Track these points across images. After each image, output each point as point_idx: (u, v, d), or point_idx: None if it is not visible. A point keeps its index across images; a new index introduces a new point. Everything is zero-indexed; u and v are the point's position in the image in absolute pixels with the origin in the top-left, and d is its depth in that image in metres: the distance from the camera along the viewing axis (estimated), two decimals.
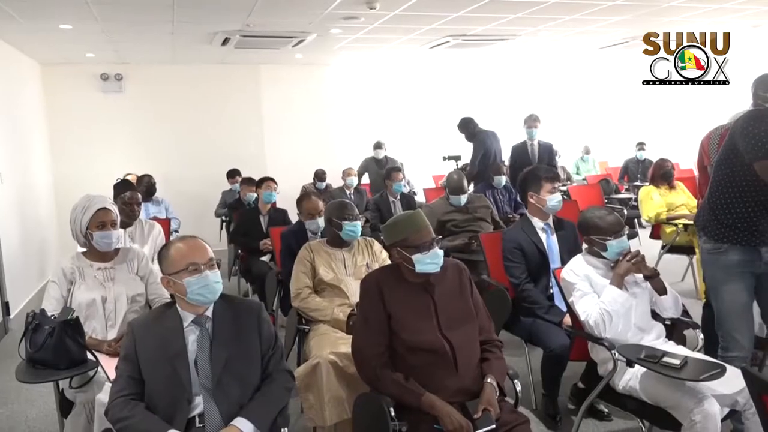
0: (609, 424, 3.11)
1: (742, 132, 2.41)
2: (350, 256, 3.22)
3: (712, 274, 2.67)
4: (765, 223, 2.50)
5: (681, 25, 7.38)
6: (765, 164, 2.35)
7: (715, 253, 2.61)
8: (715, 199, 2.60)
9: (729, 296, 2.58)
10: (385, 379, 2.14)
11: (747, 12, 6.76)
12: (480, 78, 10.53)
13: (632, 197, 7.91)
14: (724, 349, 2.61)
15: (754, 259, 2.54)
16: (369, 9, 5.62)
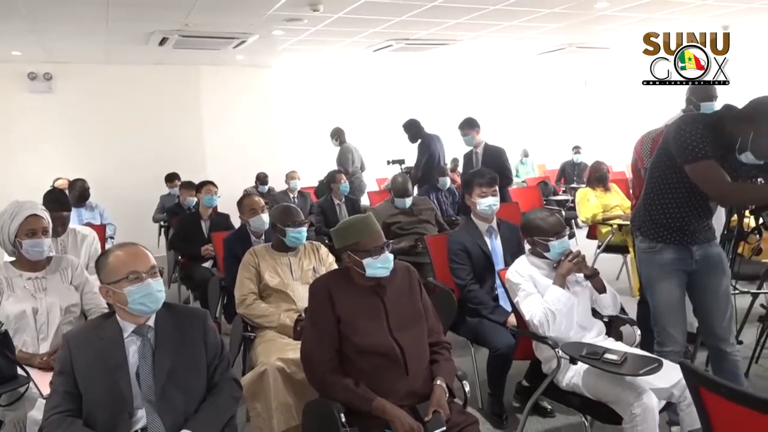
0: (553, 420, 3.18)
1: (675, 136, 2.52)
2: (296, 260, 3.17)
3: (647, 273, 2.77)
4: (696, 224, 2.63)
5: (615, 32, 7.70)
6: (695, 167, 2.46)
7: (650, 252, 2.71)
8: (650, 201, 2.70)
9: (663, 293, 2.69)
10: (335, 385, 2.12)
11: (676, 21, 7.11)
12: (423, 82, 10.65)
13: (569, 199, 8.18)
14: (660, 344, 2.71)
15: (686, 257, 2.66)
16: (312, 11, 5.59)
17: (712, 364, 2.81)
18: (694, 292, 2.74)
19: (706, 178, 2.44)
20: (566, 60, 10.11)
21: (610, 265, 5.77)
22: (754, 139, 2.35)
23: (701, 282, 2.69)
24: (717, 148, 2.42)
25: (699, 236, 2.65)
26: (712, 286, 2.68)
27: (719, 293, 2.69)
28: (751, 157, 2.40)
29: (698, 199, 2.56)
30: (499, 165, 5.37)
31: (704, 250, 2.67)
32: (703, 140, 2.42)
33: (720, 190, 2.46)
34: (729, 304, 2.71)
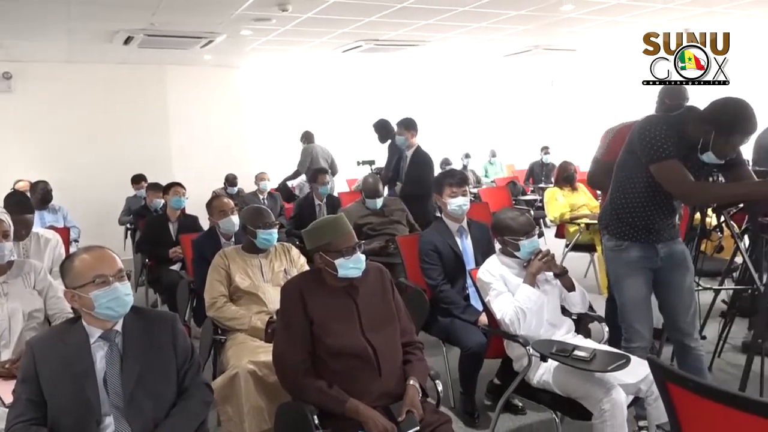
0: (524, 417, 3.22)
1: (639, 136, 2.57)
2: (267, 262, 3.15)
3: (614, 270, 2.82)
4: (661, 222, 2.69)
5: (580, 35, 7.83)
6: (659, 167, 2.52)
7: (617, 250, 2.76)
8: (617, 200, 2.76)
9: (630, 291, 2.74)
10: (308, 387, 2.11)
11: (638, 24, 7.27)
12: (392, 83, 10.67)
13: (538, 198, 8.30)
14: (627, 340, 2.76)
15: (651, 255, 2.72)
16: (281, 11, 5.55)
17: (677, 358, 2.88)
18: (659, 289, 2.80)
19: (669, 177, 2.50)
20: (533, 61, 10.25)
21: (578, 263, 5.86)
22: (715, 140, 2.42)
23: (666, 279, 2.75)
24: (680, 148, 2.49)
25: (664, 234, 2.71)
26: (677, 282, 2.74)
27: (683, 290, 2.76)
28: (713, 156, 2.47)
29: (663, 198, 2.62)
30: (419, 174, 5.24)
31: (669, 247, 2.74)
32: (666, 140, 2.48)
33: (683, 189, 2.52)
34: (693, 300, 2.79)
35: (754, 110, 2.40)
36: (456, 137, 11.24)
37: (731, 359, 3.78)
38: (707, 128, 2.43)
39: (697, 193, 2.58)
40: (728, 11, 6.62)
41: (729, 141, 2.41)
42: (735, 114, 2.39)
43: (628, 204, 2.70)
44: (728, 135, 2.40)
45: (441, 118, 11.33)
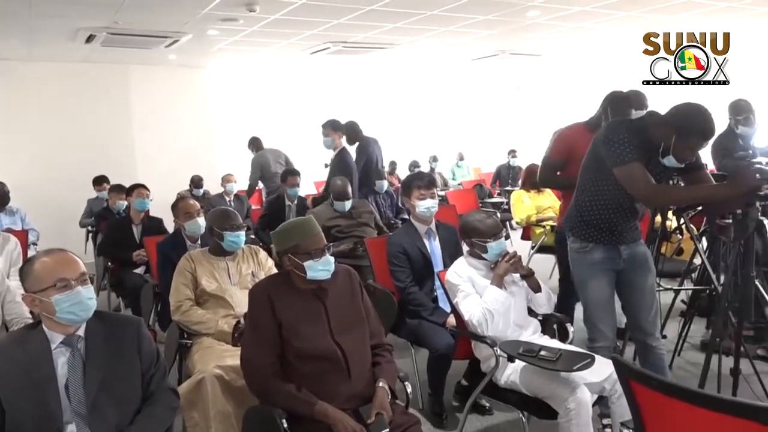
0: (491, 417, 3.25)
1: (604, 140, 2.63)
2: (234, 264, 3.11)
3: (579, 272, 2.87)
4: (624, 224, 2.75)
5: (546, 40, 7.96)
6: (622, 170, 2.57)
7: (582, 251, 2.81)
8: (581, 203, 2.81)
9: (594, 292, 2.79)
10: (277, 390, 2.09)
11: (601, 31, 7.43)
12: (361, 85, 10.68)
13: (504, 201, 8.40)
14: (592, 340, 2.82)
15: (614, 257, 2.77)
16: (248, 11, 5.51)
17: (639, 357, 2.94)
18: (622, 290, 2.86)
19: (632, 180, 2.55)
20: (500, 66, 10.39)
21: (544, 265, 5.93)
22: (675, 144, 2.49)
23: (629, 280, 2.81)
24: (642, 152, 2.55)
25: (627, 236, 2.77)
26: (639, 283, 2.81)
27: (645, 290, 2.82)
28: (673, 160, 2.54)
29: (625, 200, 2.68)
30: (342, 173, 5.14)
31: (631, 249, 2.80)
32: (629, 145, 2.54)
33: (645, 192, 2.58)
34: (654, 301, 2.86)
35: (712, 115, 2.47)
36: (424, 140, 11.30)
37: (691, 358, 3.88)
38: (668, 132, 2.50)
39: (658, 195, 2.65)
40: (689, 18, 6.81)
41: (688, 144, 2.48)
42: (694, 118, 2.46)
43: (593, 206, 2.75)
44: (687, 138, 2.46)
45: (409, 121, 11.39)
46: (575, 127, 3.65)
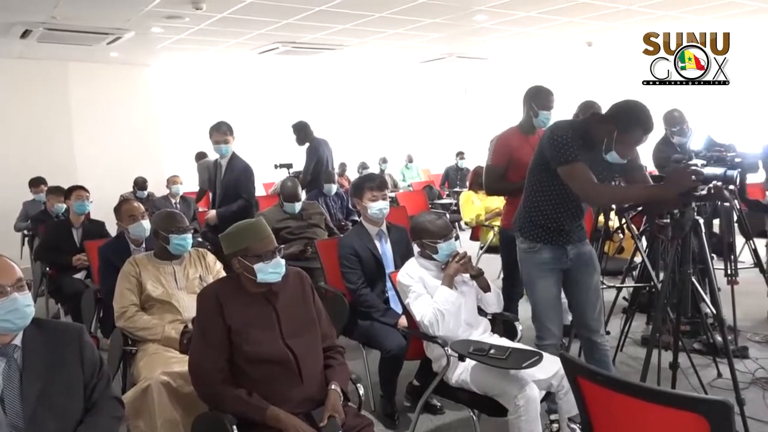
0: (442, 417, 3.28)
1: (548, 141, 2.69)
2: (181, 269, 3.03)
3: (528, 271, 2.92)
4: (570, 224, 2.82)
5: (492, 44, 8.11)
6: (565, 169, 2.63)
7: (530, 252, 2.87)
8: (529, 204, 2.87)
9: (542, 291, 2.86)
10: (227, 396, 2.05)
11: (546, 36, 7.62)
12: (311, 85, 10.62)
13: (453, 202, 8.52)
14: (540, 338, 2.88)
15: (561, 256, 2.84)
16: (195, 9, 5.39)
17: (584, 353, 3.03)
18: (568, 288, 2.93)
19: (575, 179, 2.62)
20: (448, 69, 10.53)
21: (493, 265, 6.03)
22: (617, 139, 2.57)
23: (575, 278, 2.89)
24: (586, 151, 2.62)
25: (573, 236, 2.85)
26: (585, 281, 2.88)
27: (591, 288, 2.90)
28: (616, 156, 2.62)
29: (571, 200, 2.75)
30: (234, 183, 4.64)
31: (578, 249, 2.87)
32: (572, 144, 2.61)
33: (587, 190, 2.63)
34: (599, 299, 2.94)
35: (650, 111, 2.57)
36: (373, 142, 11.34)
37: (632, 353, 4.03)
38: (610, 128, 2.58)
39: (600, 194, 2.71)
40: (628, 25, 7.07)
41: (629, 139, 2.57)
42: (634, 113, 2.56)
43: (540, 207, 2.81)
44: (629, 133, 2.55)
45: (359, 123, 11.40)
46: (510, 131, 3.73)
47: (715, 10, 6.20)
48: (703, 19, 6.71)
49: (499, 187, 3.81)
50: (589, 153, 2.64)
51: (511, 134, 3.70)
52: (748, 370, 3.64)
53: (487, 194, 4.87)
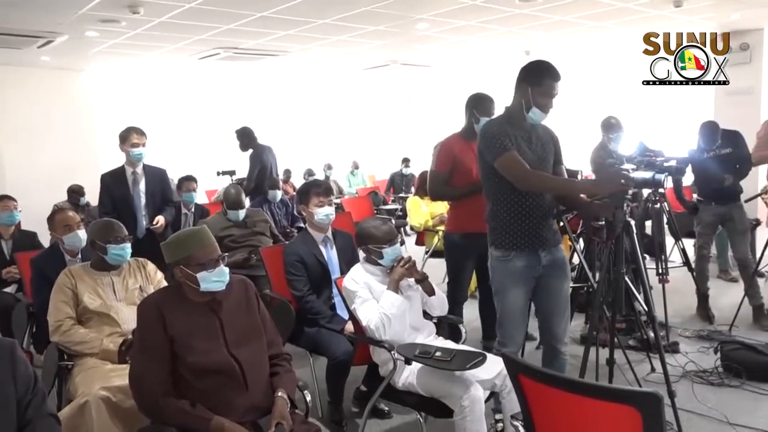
0: (390, 421, 3.30)
1: (481, 142, 2.76)
2: (120, 279, 2.94)
3: (499, 279, 2.87)
4: (542, 223, 2.79)
5: (435, 52, 8.24)
6: (500, 161, 2.67)
7: (503, 260, 2.83)
8: (496, 211, 2.83)
9: (512, 300, 2.83)
10: (169, 408, 2.01)
11: (486, 45, 7.81)
12: (254, 91, 10.51)
13: (398, 208, 8.59)
14: (501, 344, 2.87)
15: (535, 264, 2.81)
16: (132, 13, 5.25)
17: (544, 360, 2.99)
18: (538, 294, 2.89)
19: (509, 167, 2.67)
20: (392, 76, 10.64)
21: (437, 269, 6.13)
22: (533, 94, 2.67)
23: (546, 284, 2.86)
24: (515, 140, 2.70)
25: (547, 239, 2.81)
26: (556, 288, 2.87)
27: (560, 296, 2.88)
28: (537, 111, 2.70)
29: (533, 196, 2.75)
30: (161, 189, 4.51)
31: (551, 255, 2.84)
32: (501, 136, 2.69)
33: (523, 177, 2.66)
34: (567, 307, 2.93)
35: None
36: (318, 148, 11.32)
37: (572, 351, 4.09)
38: (524, 88, 2.70)
39: (535, 180, 2.70)
40: (564, 35, 7.34)
41: (542, 91, 2.67)
42: (538, 66, 2.71)
43: (507, 211, 2.78)
44: (540, 84, 2.67)
45: (303, 129, 11.37)
46: (453, 137, 3.80)
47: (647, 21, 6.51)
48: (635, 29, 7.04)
49: (444, 192, 3.86)
50: (521, 131, 2.73)
51: (453, 140, 3.77)
52: (678, 364, 3.83)
53: (432, 199, 4.95)
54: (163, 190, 4.56)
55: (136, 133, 4.39)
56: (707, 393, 3.48)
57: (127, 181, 4.44)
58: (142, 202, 4.43)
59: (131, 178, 4.45)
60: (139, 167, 4.46)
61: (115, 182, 4.45)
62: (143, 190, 4.45)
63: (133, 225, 4.21)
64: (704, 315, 4.78)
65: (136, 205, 4.41)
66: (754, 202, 5.85)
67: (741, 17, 6.30)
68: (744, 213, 4.81)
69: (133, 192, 4.43)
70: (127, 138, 4.38)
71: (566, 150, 3.02)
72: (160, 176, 4.58)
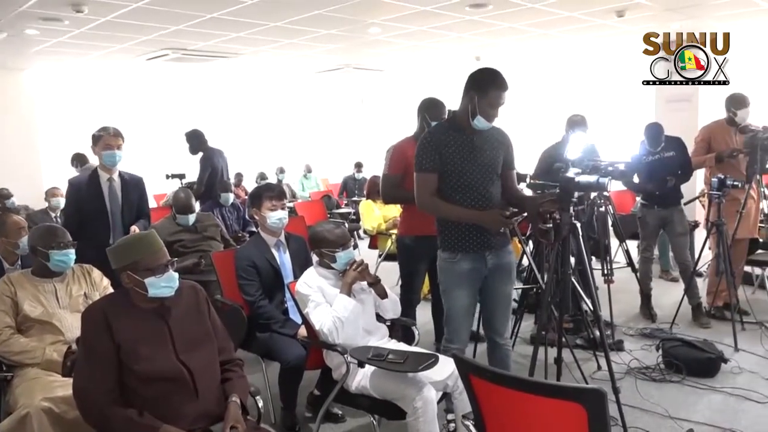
0: (344, 424, 3.30)
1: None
2: (63, 286, 2.85)
3: (446, 280, 2.91)
4: (487, 231, 2.81)
5: (387, 56, 8.29)
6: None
7: (450, 262, 2.87)
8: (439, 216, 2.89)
9: (458, 300, 2.88)
10: (116, 418, 1.95)
11: (438, 50, 7.91)
12: (205, 93, 10.34)
13: (352, 211, 8.59)
14: (449, 341, 2.92)
15: (481, 267, 2.86)
16: (75, 12, 5.09)
17: (488, 353, 3.08)
18: (482, 294, 2.95)
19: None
20: (345, 79, 10.65)
21: (391, 272, 6.16)
22: (479, 103, 2.72)
23: (491, 286, 2.91)
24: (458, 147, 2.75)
25: (492, 240, 2.84)
26: (500, 290, 2.93)
27: (504, 296, 2.95)
28: (482, 120, 2.75)
29: (475, 200, 2.79)
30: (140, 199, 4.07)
31: (497, 258, 2.88)
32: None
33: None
34: (509, 305, 3.02)
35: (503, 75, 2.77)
36: (271, 152, 11.21)
37: (523, 351, 4.24)
38: (471, 95, 2.74)
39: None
40: (513, 42, 7.50)
41: (488, 100, 2.71)
42: (485, 76, 2.75)
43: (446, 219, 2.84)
44: (485, 94, 2.71)
45: (255, 132, 11.24)
46: (406, 141, 3.84)
47: (592, 30, 6.73)
48: (580, 37, 7.26)
49: (396, 195, 3.89)
50: (466, 136, 2.78)
51: (406, 144, 3.80)
52: (623, 362, 3.96)
53: (384, 202, 4.96)
54: (140, 201, 4.06)
55: (109, 134, 3.86)
56: (650, 389, 3.61)
57: (102, 188, 3.87)
58: (118, 213, 3.89)
59: (106, 186, 3.88)
60: (115, 173, 3.91)
61: (86, 190, 3.87)
62: (120, 200, 3.90)
63: (105, 240, 3.72)
64: (647, 314, 4.96)
65: (112, 216, 3.87)
66: (692, 204, 6.14)
67: (680, 28, 6.57)
68: (684, 217, 5.01)
69: (109, 202, 3.87)
70: (100, 139, 3.86)
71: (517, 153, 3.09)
72: (137, 185, 4.06)
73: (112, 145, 3.84)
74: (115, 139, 3.86)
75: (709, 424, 3.15)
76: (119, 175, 3.95)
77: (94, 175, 3.91)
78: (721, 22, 6.17)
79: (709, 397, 3.49)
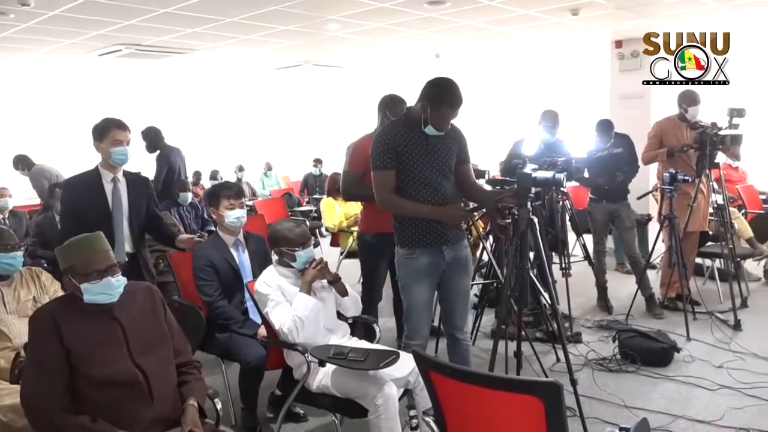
0: (306, 424, 3.27)
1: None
2: (11, 290, 2.74)
3: (405, 276, 2.93)
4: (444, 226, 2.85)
5: (346, 53, 8.26)
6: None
7: (408, 258, 2.89)
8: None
9: (418, 296, 2.90)
10: (67, 426, 1.88)
11: (396, 47, 7.91)
12: (161, 90, 10.10)
13: (313, 209, 8.54)
14: (409, 337, 2.94)
15: (438, 261, 2.89)
16: (21, 5, 4.90)
17: (448, 348, 3.12)
18: (441, 288, 2.99)
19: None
20: (304, 76, 10.58)
21: (353, 269, 6.15)
22: (431, 114, 2.75)
23: (449, 280, 2.95)
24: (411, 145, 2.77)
25: (449, 234, 2.88)
26: (457, 285, 2.96)
27: (461, 291, 2.99)
28: (433, 129, 2.79)
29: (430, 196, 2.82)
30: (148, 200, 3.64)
31: (454, 252, 2.91)
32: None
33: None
34: (468, 300, 3.07)
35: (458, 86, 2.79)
36: (229, 149, 11.04)
37: (484, 345, 4.30)
38: (424, 105, 2.77)
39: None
40: (472, 39, 7.56)
41: (439, 115, 2.76)
42: (439, 91, 2.77)
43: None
44: (438, 108, 2.75)
45: (213, 130, 11.05)
46: (366, 138, 3.83)
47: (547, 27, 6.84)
48: (536, 35, 7.37)
49: (357, 192, 3.87)
50: (419, 134, 2.80)
51: (366, 141, 3.78)
52: (581, 353, 4.05)
53: (345, 200, 4.94)
54: (149, 203, 3.55)
55: (117, 127, 3.29)
56: (607, 379, 3.70)
57: (105, 190, 3.34)
58: (124, 219, 3.38)
59: (110, 187, 3.34)
60: (120, 173, 3.38)
61: (88, 191, 3.32)
62: (126, 204, 3.39)
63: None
64: (603, 306, 5.09)
65: (116, 224, 3.34)
66: (645, 198, 6.31)
67: (633, 26, 6.75)
68: (631, 211, 5.18)
69: (113, 205, 3.34)
70: (105, 133, 3.27)
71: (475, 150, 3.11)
72: (145, 186, 3.56)
73: (122, 140, 3.28)
74: (124, 133, 3.30)
75: (663, 412, 3.25)
76: (123, 175, 3.41)
77: (94, 175, 3.36)
78: (673, 21, 6.36)
79: (663, 385, 3.60)
